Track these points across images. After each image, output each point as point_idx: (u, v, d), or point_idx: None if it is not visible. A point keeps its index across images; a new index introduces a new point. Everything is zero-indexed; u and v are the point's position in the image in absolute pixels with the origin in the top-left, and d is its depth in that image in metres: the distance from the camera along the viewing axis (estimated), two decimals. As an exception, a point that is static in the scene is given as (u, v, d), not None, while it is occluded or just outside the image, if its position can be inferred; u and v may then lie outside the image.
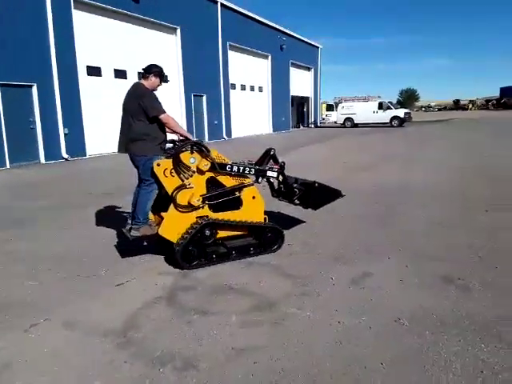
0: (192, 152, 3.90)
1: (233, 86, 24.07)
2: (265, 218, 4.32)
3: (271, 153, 4.41)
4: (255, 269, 3.90)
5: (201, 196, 3.94)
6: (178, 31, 18.96)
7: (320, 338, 2.67)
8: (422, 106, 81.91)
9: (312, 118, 36.88)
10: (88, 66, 14.90)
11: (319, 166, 10.26)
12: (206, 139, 21.46)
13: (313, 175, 4.96)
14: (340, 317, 2.93)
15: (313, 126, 36.05)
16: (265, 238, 4.23)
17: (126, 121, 4.15)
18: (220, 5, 21.55)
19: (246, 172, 4.19)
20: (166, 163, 3.88)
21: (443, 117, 41.01)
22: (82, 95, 14.35)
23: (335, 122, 33.72)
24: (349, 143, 18.27)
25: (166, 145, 4.25)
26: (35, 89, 12.89)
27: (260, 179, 4.32)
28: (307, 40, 33.95)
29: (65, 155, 13.78)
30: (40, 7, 12.78)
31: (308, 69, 35.33)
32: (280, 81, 29.33)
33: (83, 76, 14.62)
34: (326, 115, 40.34)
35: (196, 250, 3.90)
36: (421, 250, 4.22)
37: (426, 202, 6.29)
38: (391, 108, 30.12)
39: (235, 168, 4.10)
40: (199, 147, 3.94)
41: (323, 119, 39.66)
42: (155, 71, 4.24)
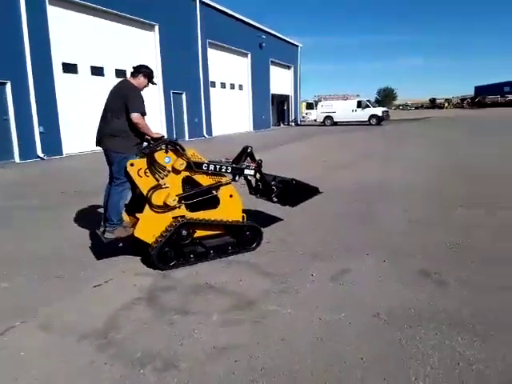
0: (167, 151, 3.84)
1: (213, 84, 23.94)
2: (243, 217, 4.30)
3: (248, 151, 4.39)
4: (234, 267, 3.89)
5: (177, 196, 3.88)
6: (157, 28, 18.73)
7: (301, 335, 2.69)
8: (400, 105, 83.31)
9: (292, 117, 37.04)
10: (64, 63, 14.57)
11: (299, 165, 10.32)
12: (187, 137, 21.31)
13: (293, 174, 4.97)
14: (320, 313, 2.95)
15: (293, 124, 36.22)
16: (243, 237, 4.20)
17: (108, 115, 4.07)
18: (199, 2, 21.38)
19: (223, 170, 4.15)
20: (140, 163, 3.81)
21: (420, 115, 41.84)
22: (58, 93, 14.03)
23: (315, 120, 33.93)
24: (328, 141, 18.43)
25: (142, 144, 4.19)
26: (9, 86, 12.52)
27: (237, 177, 4.30)
28: (287, 38, 34.07)
29: (40, 154, 13.44)
30: (13, 2, 12.42)
31: (288, 67, 35.45)
32: (260, 79, 29.36)
33: (59, 73, 14.28)
34: (306, 113, 40.56)
35: (173, 251, 3.84)
36: (398, 247, 4.29)
37: (404, 200, 6.40)
38: (370, 106, 30.53)
39: (212, 167, 4.05)
40: (174, 146, 3.88)
41: (303, 117, 39.89)
42: (144, 71, 4.21)
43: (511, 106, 49.46)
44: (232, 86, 26.91)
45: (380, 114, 29.69)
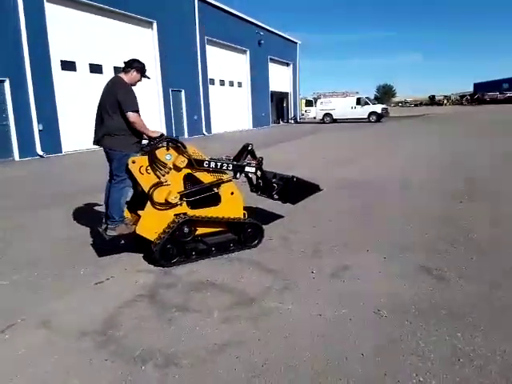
0: (168, 148, 3.84)
1: (212, 82, 23.91)
2: (244, 214, 4.31)
3: (249, 148, 4.39)
4: (236, 264, 3.89)
5: (178, 193, 3.89)
6: (155, 25, 18.69)
7: (301, 332, 2.70)
8: (399, 102, 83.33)
9: (292, 114, 37.01)
10: (62, 61, 14.54)
11: (299, 162, 10.31)
12: (186, 135, 21.30)
13: (293, 171, 4.99)
14: (321, 309, 2.96)
15: (293, 122, 36.19)
16: (244, 234, 4.22)
17: (103, 113, 4.04)
18: (197, -1, 21.33)
19: (224, 168, 4.16)
20: (142, 160, 3.80)
21: (419, 112, 41.79)
22: (57, 90, 14.02)
23: (314, 118, 33.91)
24: (328, 139, 18.42)
25: (142, 141, 4.17)
26: (7, 84, 12.51)
27: (238, 175, 4.30)
28: (285, 35, 33.99)
29: (40, 152, 13.44)
30: (11, 0, 12.37)
31: (287, 64, 35.39)
32: (259, 76, 29.32)
33: (57, 71, 14.26)
34: (306, 111, 40.54)
35: (175, 248, 3.86)
36: (399, 243, 4.29)
37: (404, 196, 6.40)
38: (369, 104, 30.50)
39: (213, 164, 4.06)
40: (175, 143, 3.88)
41: (303, 115, 39.86)
42: (137, 66, 4.16)
43: (510, 103, 49.46)
44: (231, 84, 26.87)
45: (379, 111, 29.66)
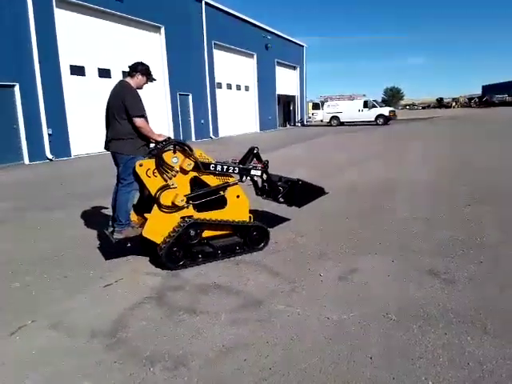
0: (175, 152, 3.87)
1: (219, 85, 24.01)
2: (250, 217, 4.31)
3: (254, 151, 4.40)
4: (243, 267, 3.90)
5: (185, 196, 3.91)
6: (163, 30, 18.84)
7: (309, 335, 2.69)
8: (407, 105, 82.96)
9: (298, 117, 37.02)
10: (71, 66, 14.70)
11: (307, 165, 10.30)
12: (193, 138, 21.40)
13: (300, 174, 4.99)
14: (329, 313, 2.95)
15: (299, 125, 36.19)
16: (250, 237, 4.22)
17: (110, 118, 4.09)
18: (204, 3, 21.46)
19: (230, 171, 4.17)
20: (149, 163, 3.84)
21: (427, 115, 41.57)
22: (66, 95, 14.16)
23: (321, 121, 33.89)
24: (336, 141, 18.37)
25: (150, 145, 4.20)
26: (17, 88, 12.67)
27: (244, 178, 4.31)
28: (292, 39, 34.07)
29: (49, 156, 13.58)
30: (21, 6, 12.56)
31: (294, 68, 35.45)
32: (266, 80, 29.39)
33: (66, 75, 14.42)
34: (313, 114, 40.51)
35: (181, 251, 3.87)
36: (407, 246, 4.27)
37: (413, 199, 6.37)
38: (376, 106, 30.42)
39: (219, 167, 4.07)
40: (182, 147, 3.91)
41: (309, 118, 39.85)
42: (141, 69, 4.18)
43: (520, 105, 48.99)
44: (238, 87, 26.96)
45: (387, 114, 29.56)
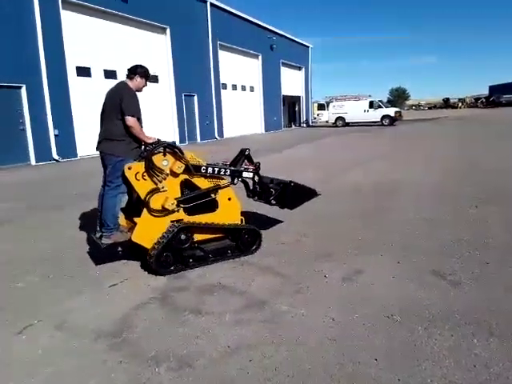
0: (165, 154, 3.77)
1: (224, 86, 24.04)
2: (241, 220, 4.25)
3: (246, 153, 4.33)
4: (247, 268, 3.90)
5: (175, 199, 3.81)
6: (168, 31, 18.90)
7: (314, 335, 2.68)
8: (413, 105, 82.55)
9: (304, 118, 36.98)
10: (77, 67, 14.79)
11: (312, 166, 10.28)
12: (199, 139, 21.45)
13: (306, 175, 4.97)
14: (333, 314, 2.94)
15: (305, 126, 36.14)
16: (242, 240, 4.15)
17: (105, 119, 4.06)
18: (209, 4, 21.50)
19: (221, 173, 4.09)
20: (138, 166, 3.74)
21: (433, 115, 41.36)
22: (72, 96, 14.25)
23: (327, 122, 33.81)
24: (341, 142, 18.33)
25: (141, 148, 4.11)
26: (24, 90, 12.77)
27: (236, 180, 4.24)
28: (297, 39, 34.03)
29: (55, 156, 13.67)
30: (28, 7, 12.66)
31: (299, 68, 35.41)
32: (271, 80, 29.38)
33: (73, 76, 14.51)
34: (318, 114, 40.49)
35: (172, 256, 3.77)
36: (413, 247, 4.24)
37: (418, 200, 6.33)
38: (382, 107, 30.28)
39: (210, 169, 3.99)
40: (172, 149, 3.82)
41: (315, 118, 39.80)
42: (140, 72, 4.17)
43: (527, 106, 48.60)
44: (243, 88, 26.98)
45: (393, 115, 29.44)
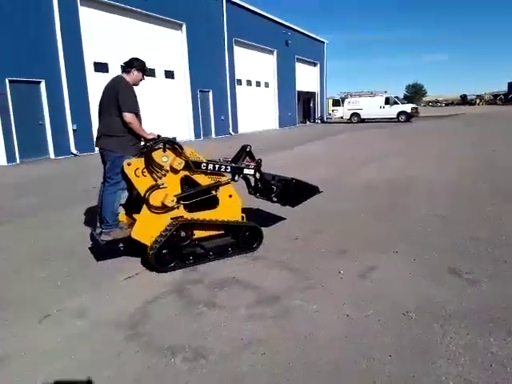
0: (165, 150, 3.72)
1: (239, 82, 24.05)
2: (242, 217, 4.22)
3: (247, 149, 4.27)
4: (261, 263, 3.91)
5: (175, 196, 3.77)
6: (184, 27, 18.98)
7: (327, 331, 2.69)
8: (430, 102, 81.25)
9: (318, 114, 36.75)
10: (95, 63, 14.98)
11: (325, 162, 10.23)
12: (213, 135, 21.54)
13: (321, 171, 4.95)
14: (347, 310, 2.94)
15: (319, 122, 35.94)
16: (243, 237, 4.12)
17: (103, 114, 4.04)
18: (225, 0, 21.50)
19: (222, 170, 4.03)
20: (138, 163, 3.70)
21: (451, 112, 40.66)
22: (90, 91, 14.42)
23: (341, 118, 33.58)
24: (356, 138, 18.17)
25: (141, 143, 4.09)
26: (43, 85, 13.00)
27: (237, 177, 4.18)
28: (313, 35, 33.77)
29: (74, 151, 13.92)
30: (47, 4, 12.86)
31: (314, 64, 35.16)
32: (286, 76, 29.25)
33: (91, 72, 14.70)
34: (333, 110, 40.14)
35: (171, 253, 3.75)
36: (428, 244, 4.20)
37: (434, 197, 6.25)
38: (398, 103, 29.97)
39: (211, 166, 3.94)
40: (172, 145, 3.77)
41: (330, 115, 39.52)
42: (137, 65, 4.10)
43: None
44: (258, 84, 26.94)
45: (409, 111, 29.09)
